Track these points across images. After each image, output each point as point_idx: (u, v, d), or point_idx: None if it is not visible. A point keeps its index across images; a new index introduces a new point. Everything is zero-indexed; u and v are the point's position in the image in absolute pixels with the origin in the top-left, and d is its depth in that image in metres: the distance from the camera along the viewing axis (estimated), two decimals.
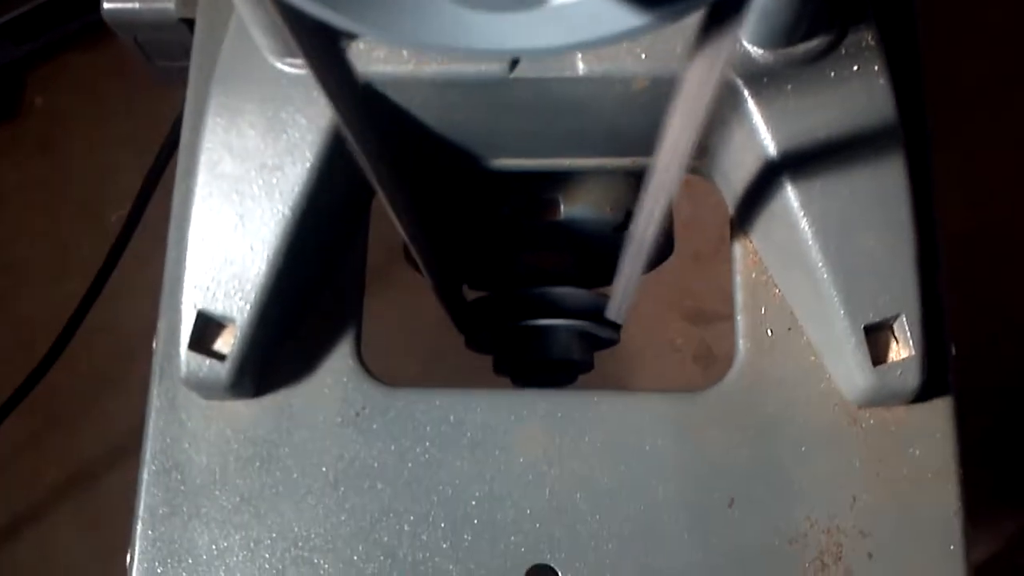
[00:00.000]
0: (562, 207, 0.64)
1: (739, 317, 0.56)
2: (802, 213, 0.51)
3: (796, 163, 0.51)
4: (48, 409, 1.41)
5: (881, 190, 0.51)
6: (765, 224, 0.54)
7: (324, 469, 0.54)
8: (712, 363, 1.56)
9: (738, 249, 0.57)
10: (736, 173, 0.55)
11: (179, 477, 0.54)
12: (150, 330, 0.56)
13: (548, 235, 0.65)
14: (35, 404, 1.22)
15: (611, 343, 0.70)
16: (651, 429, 0.54)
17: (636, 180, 0.64)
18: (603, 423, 0.54)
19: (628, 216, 0.64)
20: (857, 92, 0.51)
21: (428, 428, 0.54)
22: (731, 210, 0.57)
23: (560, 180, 0.64)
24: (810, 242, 0.51)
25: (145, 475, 0.54)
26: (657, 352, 1.56)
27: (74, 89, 1.61)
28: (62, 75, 1.62)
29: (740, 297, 0.56)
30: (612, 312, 0.63)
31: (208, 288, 0.52)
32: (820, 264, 0.51)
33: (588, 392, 0.55)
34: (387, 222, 0.50)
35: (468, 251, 0.67)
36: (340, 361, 0.55)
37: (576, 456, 0.53)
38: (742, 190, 0.55)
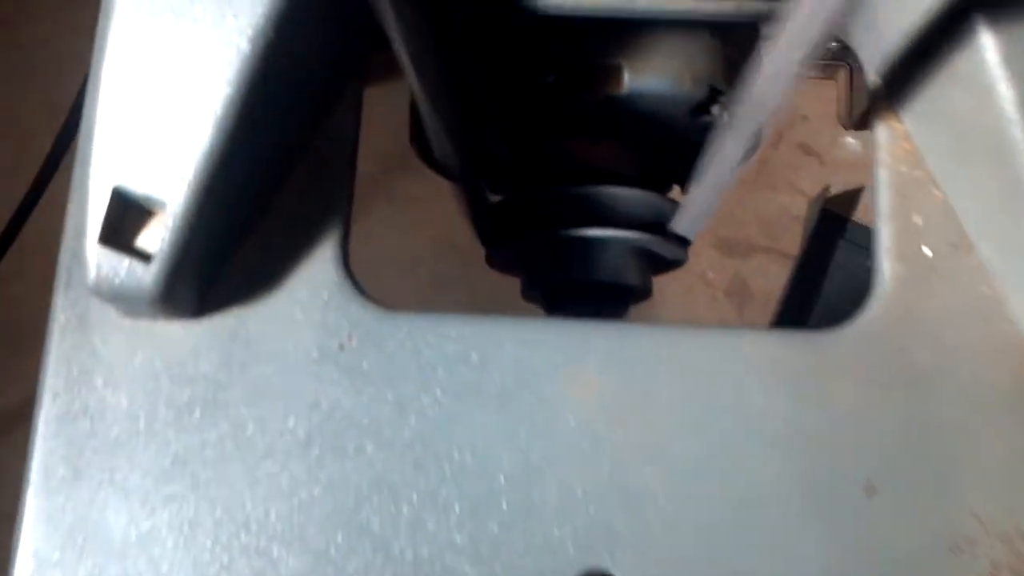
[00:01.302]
0: (626, 76, 0.47)
1: (882, 227, 0.40)
2: (1001, 69, 0.34)
3: None
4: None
5: None
6: (933, 92, 0.38)
7: (291, 423, 0.38)
8: (748, 300, 1.41)
9: (883, 133, 0.40)
10: (893, 18, 0.38)
11: (88, 427, 0.38)
12: None
13: (604, 115, 0.49)
14: None
15: (675, 265, 0.54)
16: (756, 381, 0.38)
17: (727, 42, 0.48)
18: (687, 370, 0.38)
19: (713, 93, 0.48)
20: None
21: (440, 370, 0.38)
22: (873, 75, 0.41)
23: (626, 38, 0.47)
24: (1012, 114, 0.34)
25: (41, 423, 0.39)
26: (684, 286, 1.40)
27: None
28: None
29: (884, 200, 0.40)
30: (683, 224, 0.48)
31: (128, 158, 0.36)
32: None
33: (665, 326, 0.39)
34: (379, 121, 0.34)
35: (498, 134, 0.51)
36: (319, 271, 0.39)
37: (648, 415, 0.38)
38: (901, 42, 0.38)
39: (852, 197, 1.35)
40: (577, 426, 0.38)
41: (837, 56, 0.56)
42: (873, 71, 0.41)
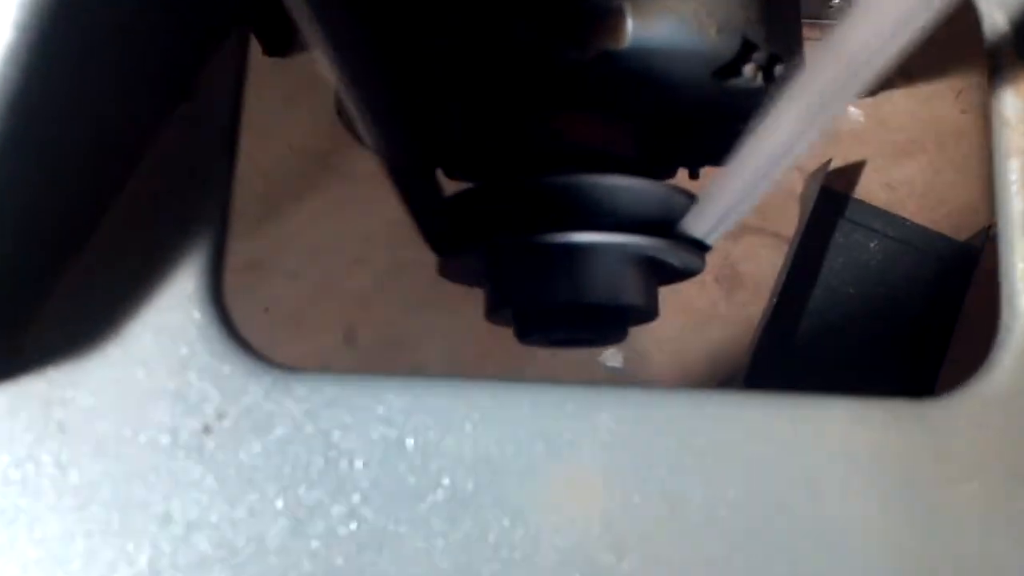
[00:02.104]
0: (630, 24, 0.34)
1: (1016, 241, 0.27)
2: None
3: None
4: None
5: None
6: None
7: (130, 547, 0.25)
8: (737, 286, 1.30)
9: (1010, 102, 0.28)
10: None
11: None
12: None
13: (597, 78, 0.36)
14: None
15: (687, 275, 0.42)
16: (838, 476, 0.25)
17: None
18: (734, 459, 0.25)
19: (746, 47, 0.35)
20: None
21: (358, 463, 0.25)
22: (999, 17, 0.28)
23: None
24: None
25: None
26: None
27: None
28: None
29: (1020, 201, 0.27)
30: (700, 223, 0.36)
31: None
32: None
33: (702, 392, 0.26)
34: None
35: (452, 106, 0.37)
36: (175, 313, 0.26)
37: (675, 531, 0.25)
38: None
39: (853, 172, 1.25)
40: (567, 550, 0.25)
41: None
42: (998, 11, 0.28)
